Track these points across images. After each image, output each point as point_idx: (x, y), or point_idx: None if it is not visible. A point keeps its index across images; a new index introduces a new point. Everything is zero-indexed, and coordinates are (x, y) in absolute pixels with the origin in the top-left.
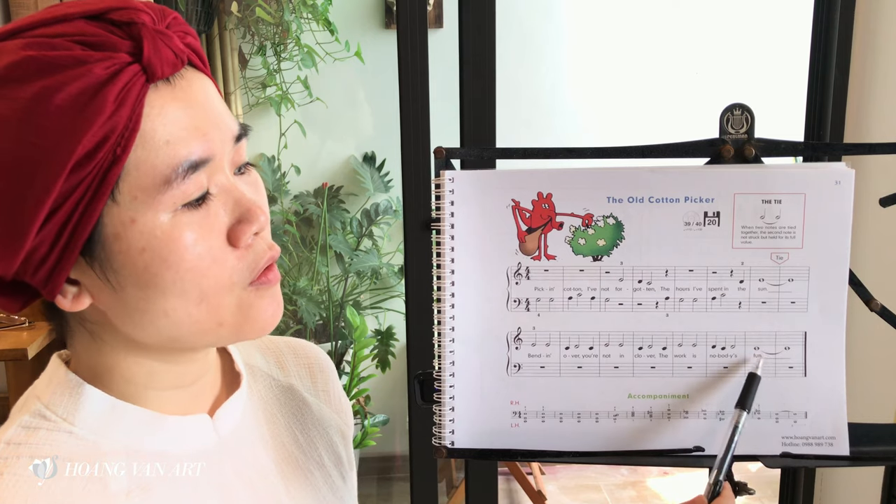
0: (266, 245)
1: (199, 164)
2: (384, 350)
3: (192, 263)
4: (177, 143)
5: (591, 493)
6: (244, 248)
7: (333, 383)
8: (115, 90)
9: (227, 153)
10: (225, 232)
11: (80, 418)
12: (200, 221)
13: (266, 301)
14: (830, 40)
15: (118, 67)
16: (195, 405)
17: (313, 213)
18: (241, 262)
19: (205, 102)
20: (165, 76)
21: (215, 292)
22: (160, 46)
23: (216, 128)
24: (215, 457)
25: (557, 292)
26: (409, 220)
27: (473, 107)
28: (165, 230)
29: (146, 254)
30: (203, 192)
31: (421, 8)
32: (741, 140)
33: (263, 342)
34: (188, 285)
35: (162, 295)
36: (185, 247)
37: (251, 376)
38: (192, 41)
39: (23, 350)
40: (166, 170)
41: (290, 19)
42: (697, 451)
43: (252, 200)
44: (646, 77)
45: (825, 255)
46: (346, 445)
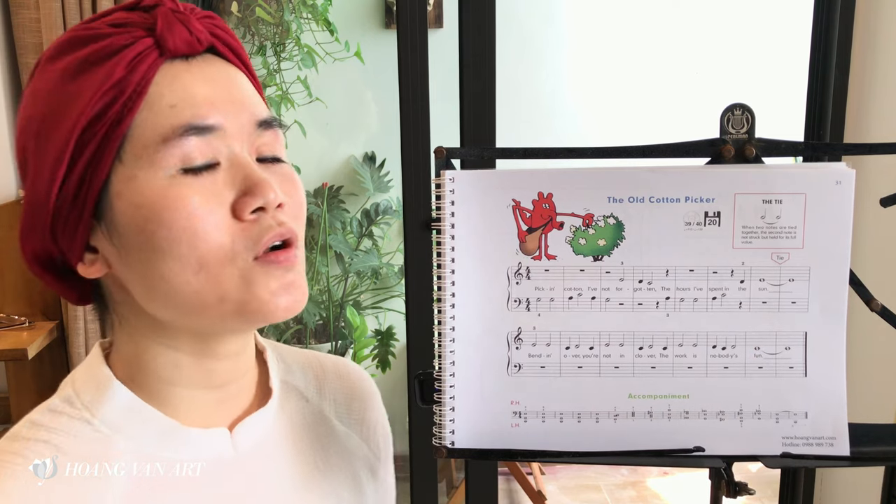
0: (275, 221)
1: (203, 130)
2: (384, 350)
3: (188, 223)
4: (182, 107)
5: (591, 493)
6: (249, 221)
7: (372, 414)
8: (127, 57)
9: (244, 133)
10: (230, 203)
11: (102, 412)
12: (204, 188)
13: (274, 282)
14: (830, 40)
15: (133, 39)
16: (221, 412)
17: (313, 213)
18: (244, 234)
19: (223, 81)
20: (180, 52)
21: (215, 260)
22: (173, 23)
23: (230, 104)
24: (228, 471)
25: (558, 292)
26: (409, 220)
27: (473, 106)
28: (163, 187)
29: (143, 210)
30: (207, 161)
31: (421, 8)
32: (742, 140)
33: (308, 360)
34: (184, 247)
35: (159, 256)
36: (181, 205)
37: (285, 394)
38: (224, 35)
39: (23, 350)
40: (166, 128)
41: (290, 19)
42: (697, 451)
43: (262, 177)
44: (646, 77)
45: (826, 255)
46: (373, 480)
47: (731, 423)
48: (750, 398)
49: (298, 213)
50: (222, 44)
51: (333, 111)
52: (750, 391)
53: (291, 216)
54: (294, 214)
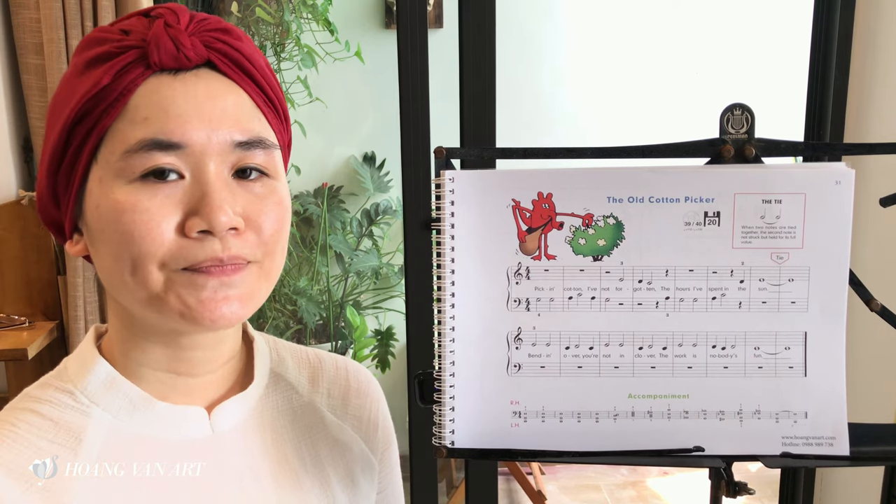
0: (220, 246)
1: (168, 146)
2: (384, 350)
3: (127, 227)
4: (153, 121)
5: (591, 493)
6: (193, 239)
7: (370, 412)
8: (114, 65)
9: (217, 151)
10: (180, 217)
11: (84, 384)
12: (156, 198)
13: (204, 291)
14: (830, 40)
15: (124, 49)
16: (198, 395)
17: (313, 213)
18: (182, 250)
19: (204, 99)
20: (166, 66)
21: (144, 264)
22: (161, 38)
23: (205, 122)
24: (204, 450)
25: (558, 292)
26: (409, 220)
27: (473, 106)
28: (117, 194)
29: (98, 210)
30: (169, 173)
31: (421, 8)
32: (741, 140)
33: (307, 355)
34: (121, 248)
35: (106, 254)
36: (126, 211)
37: (273, 384)
38: (225, 47)
39: (23, 350)
40: (132, 140)
41: (290, 19)
42: (697, 451)
43: (216, 201)
44: (646, 77)
45: (825, 255)
46: (367, 475)
47: (731, 422)
48: (750, 398)
49: (267, 235)
50: (223, 59)
51: (333, 111)
52: (750, 391)
53: (249, 241)
54: (259, 237)
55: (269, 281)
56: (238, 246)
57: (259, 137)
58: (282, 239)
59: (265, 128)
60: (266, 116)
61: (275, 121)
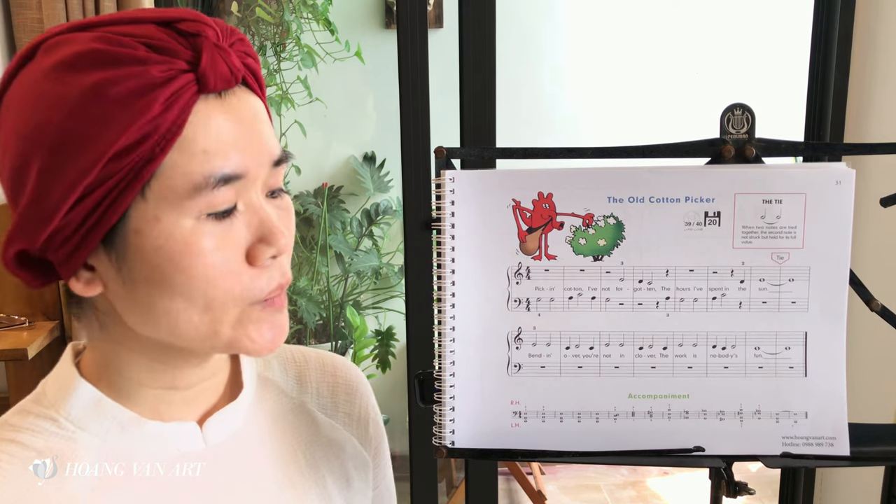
0: (280, 272)
1: (231, 179)
2: (384, 350)
3: (203, 271)
4: (214, 154)
5: (591, 493)
6: (260, 268)
7: (360, 408)
8: (166, 93)
9: (262, 174)
10: (244, 248)
11: (67, 409)
12: (222, 233)
13: (266, 324)
14: (830, 40)
15: (174, 73)
16: (189, 410)
17: (313, 213)
18: (254, 282)
19: (250, 122)
20: (218, 90)
21: (222, 303)
22: (217, 61)
23: (255, 148)
24: (201, 465)
25: (558, 292)
26: (409, 220)
27: (473, 106)
28: (185, 234)
29: (161, 253)
30: (230, 206)
31: (421, 8)
32: (742, 140)
33: (292, 354)
34: (195, 292)
35: (168, 296)
36: (200, 253)
37: (262, 389)
38: (252, 63)
39: (23, 350)
40: (198, 177)
41: (290, 19)
42: (697, 451)
43: (276, 225)
44: (646, 77)
45: (825, 255)
46: (361, 473)
47: (731, 422)
48: (750, 398)
49: (290, 249)
50: (251, 75)
51: (333, 111)
52: (750, 391)
53: (288, 255)
54: (290, 251)
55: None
56: (287, 264)
57: (284, 153)
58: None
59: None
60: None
61: None
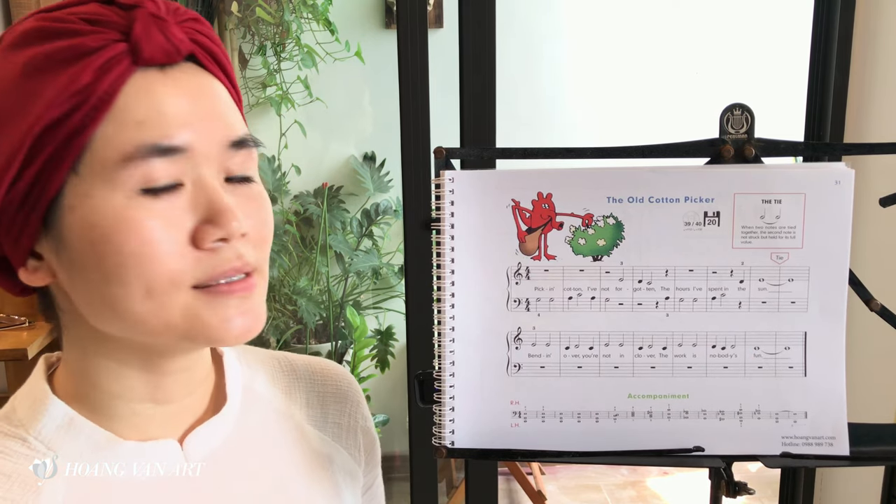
0: (234, 254)
1: (169, 151)
2: (384, 350)
3: (137, 248)
4: (150, 125)
5: (591, 493)
6: (208, 251)
7: (350, 417)
8: (97, 62)
9: (214, 153)
10: (189, 229)
11: (37, 429)
12: (160, 211)
13: (227, 310)
14: (830, 40)
15: (105, 42)
16: (170, 427)
17: (313, 213)
18: (199, 265)
19: (197, 97)
20: (156, 61)
21: (163, 288)
22: (152, 31)
23: (204, 121)
24: (183, 485)
25: (557, 292)
26: (409, 220)
27: (473, 106)
28: (117, 209)
29: (95, 230)
30: (169, 182)
31: (421, 8)
32: (741, 140)
33: (279, 363)
34: (131, 273)
35: (106, 280)
36: (132, 230)
37: (248, 401)
38: (207, 42)
39: (23, 350)
40: (130, 147)
41: (290, 19)
42: (697, 451)
43: (227, 205)
44: (646, 77)
45: (825, 255)
46: (350, 484)
47: (731, 422)
48: (749, 398)
49: (263, 237)
50: (204, 51)
51: (333, 111)
52: (749, 391)
53: (253, 244)
54: (258, 240)
55: (265, 288)
56: (247, 252)
57: (246, 135)
58: (270, 241)
59: (244, 124)
60: (241, 112)
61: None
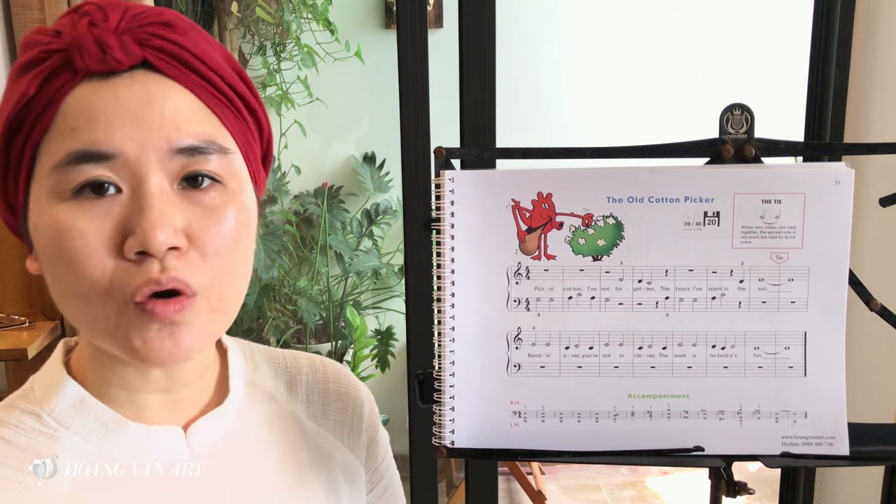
0: (158, 268)
1: (99, 157)
2: (384, 350)
3: (67, 253)
4: (81, 132)
5: (591, 493)
6: (131, 261)
7: (352, 415)
8: (39, 72)
9: (154, 159)
10: (114, 235)
11: (51, 407)
12: (93, 217)
13: (148, 332)
14: (830, 40)
15: (47, 54)
16: (172, 415)
17: (313, 213)
18: (123, 274)
19: (137, 104)
20: (92, 70)
21: (95, 295)
22: (85, 40)
23: (138, 128)
24: (185, 472)
25: (557, 292)
26: (409, 220)
27: (473, 107)
28: (55, 213)
29: (38, 232)
30: (106, 186)
31: (421, 8)
32: (741, 140)
33: (284, 359)
34: (66, 278)
35: (52, 282)
36: (67, 235)
37: (251, 395)
38: (169, 46)
39: (23, 350)
40: (62, 154)
41: (290, 19)
42: (697, 451)
43: (152, 218)
44: (646, 77)
45: (825, 255)
46: (351, 481)
47: (731, 422)
48: (749, 398)
49: (214, 251)
50: (162, 56)
51: (333, 111)
52: (749, 391)
53: (193, 262)
54: (204, 257)
55: (225, 314)
56: (180, 268)
57: (206, 141)
58: (236, 258)
59: (217, 130)
60: (221, 118)
61: (235, 122)
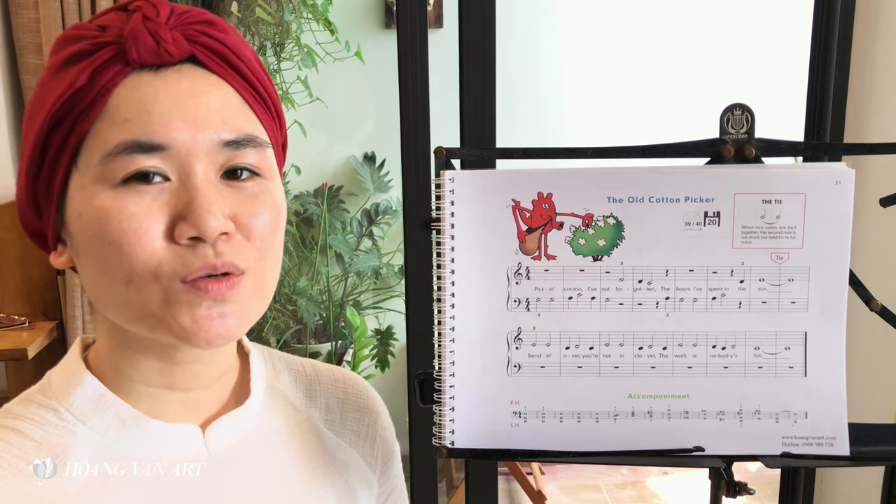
0: (213, 252)
1: (151, 148)
2: (384, 350)
3: (117, 237)
4: (134, 123)
5: (591, 493)
6: (185, 246)
7: (368, 426)
8: (92, 64)
9: (204, 151)
10: (166, 222)
11: (69, 401)
12: (144, 203)
13: (199, 310)
14: (830, 40)
15: (99, 45)
16: (191, 414)
17: (313, 213)
18: (175, 257)
19: (187, 97)
20: (146, 62)
21: (140, 276)
22: (140, 33)
23: (189, 121)
24: (202, 471)
25: (557, 292)
26: (409, 220)
27: (473, 107)
28: (102, 201)
29: (82, 220)
30: (146, 173)
31: (421, 8)
32: (741, 140)
33: (304, 366)
34: (113, 260)
35: (95, 267)
36: (112, 219)
37: (270, 399)
38: (209, 41)
39: (23, 350)
40: (112, 144)
41: (290, 19)
42: (697, 451)
43: (205, 205)
44: (646, 77)
45: (825, 255)
46: (365, 490)
47: (731, 422)
48: (750, 398)
49: (258, 236)
50: (209, 53)
51: (333, 111)
52: (750, 391)
53: (240, 245)
54: (250, 241)
55: (263, 297)
56: (230, 252)
57: (249, 135)
58: (275, 243)
59: (255, 125)
60: (256, 113)
61: (266, 118)
